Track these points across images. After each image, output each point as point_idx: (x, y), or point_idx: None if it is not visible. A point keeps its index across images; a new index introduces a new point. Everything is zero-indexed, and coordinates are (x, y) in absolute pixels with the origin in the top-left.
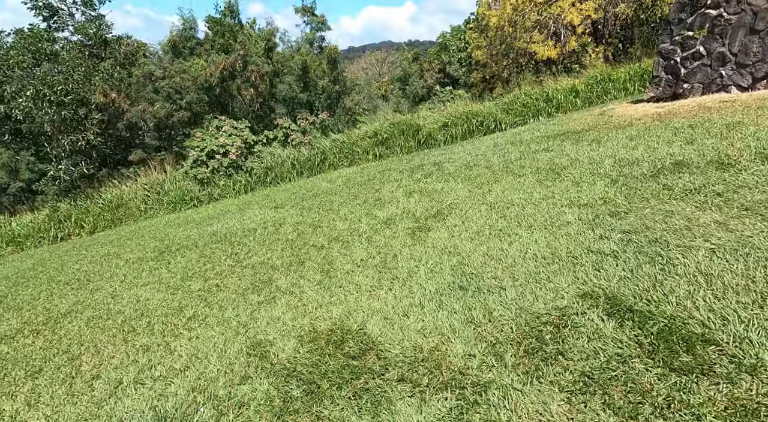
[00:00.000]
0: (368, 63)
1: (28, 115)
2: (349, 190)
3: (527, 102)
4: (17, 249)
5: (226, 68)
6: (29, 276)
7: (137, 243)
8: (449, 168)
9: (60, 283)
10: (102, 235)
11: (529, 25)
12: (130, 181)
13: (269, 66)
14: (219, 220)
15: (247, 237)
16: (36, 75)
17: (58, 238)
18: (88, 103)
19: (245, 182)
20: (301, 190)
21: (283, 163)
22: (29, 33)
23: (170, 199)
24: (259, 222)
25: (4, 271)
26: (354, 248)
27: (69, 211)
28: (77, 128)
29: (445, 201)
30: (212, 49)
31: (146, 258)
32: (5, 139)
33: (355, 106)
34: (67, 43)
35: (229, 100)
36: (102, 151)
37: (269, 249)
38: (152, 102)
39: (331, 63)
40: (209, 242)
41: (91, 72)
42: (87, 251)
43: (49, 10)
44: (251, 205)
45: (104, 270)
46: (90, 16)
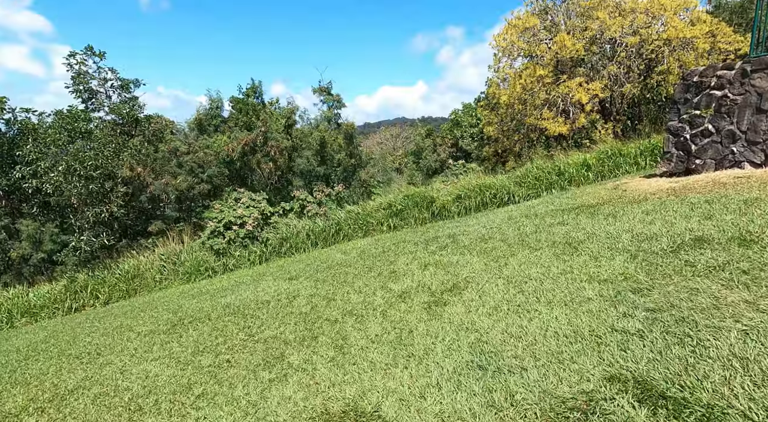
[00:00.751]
0: (383, 138)
1: (57, 189)
2: (363, 261)
3: (540, 175)
4: (31, 320)
5: (247, 144)
6: (40, 350)
7: (150, 315)
8: (464, 240)
9: (70, 357)
10: (116, 306)
11: (538, 103)
12: (148, 251)
13: (288, 141)
14: (233, 292)
15: (260, 310)
16: (69, 151)
17: (72, 309)
18: (114, 177)
19: (260, 253)
20: (316, 262)
21: (298, 234)
22: (67, 114)
23: (186, 270)
24: (273, 295)
25: (17, 343)
26: (368, 323)
27: (86, 281)
28: (102, 200)
29: (461, 274)
30: (235, 126)
31: (158, 331)
32: (33, 211)
33: (370, 178)
34: (101, 122)
35: (249, 173)
36: (124, 223)
37: (282, 322)
38: (175, 175)
39: (347, 138)
40: (222, 314)
41: (121, 148)
42: (100, 323)
43: (89, 93)
44: (265, 277)
45: (115, 344)
46: (125, 98)
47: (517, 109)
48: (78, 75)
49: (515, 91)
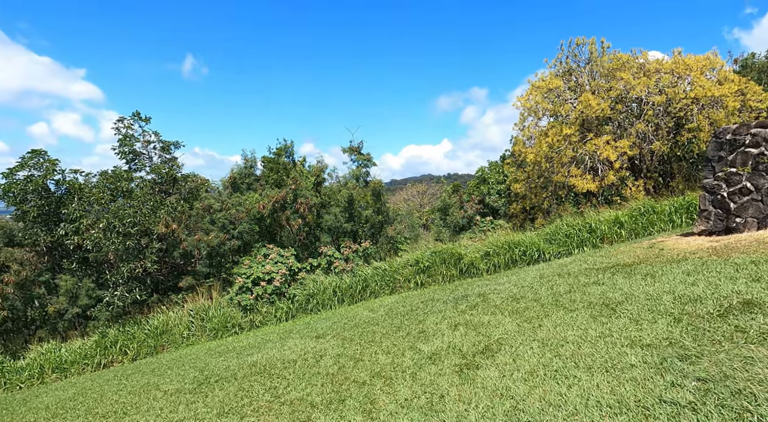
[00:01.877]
0: (410, 194)
1: (96, 245)
2: (391, 320)
3: (570, 232)
4: (61, 376)
5: (278, 201)
6: (68, 407)
7: (177, 373)
8: (495, 299)
9: (97, 416)
10: (144, 363)
11: (565, 160)
12: (177, 306)
13: (317, 198)
14: (259, 350)
15: (286, 370)
16: (110, 209)
17: (101, 365)
18: (150, 234)
19: (287, 309)
20: (343, 319)
21: (325, 291)
22: (112, 174)
23: (213, 326)
24: (300, 354)
25: (46, 401)
26: (397, 386)
27: (116, 337)
28: (137, 256)
29: (493, 335)
30: (267, 184)
31: (184, 390)
32: (73, 267)
33: (397, 234)
34: (142, 181)
35: (278, 230)
36: (156, 278)
37: (309, 383)
38: (208, 232)
39: (375, 195)
40: (248, 374)
41: (158, 206)
42: (128, 381)
43: (133, 154)
44: (292, 334)
45: (142, 403)
46: (165, 158)
47: (544, 167)
48: (124, 138)
49: (542, 149)
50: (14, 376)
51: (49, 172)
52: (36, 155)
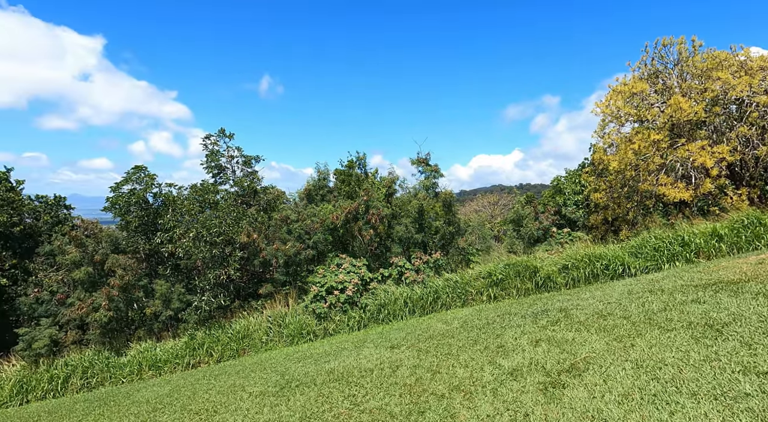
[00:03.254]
0: (480, 205)
1: (187, 253)
2: (467, 333)
3: (659, 246)
4: (156, 373)
5: (350, 212)
6: (166, 403)
7: (260, 376)
8: (579, 316)
9: (191, 412)
10: (228, 365)
11: (653, 168)
12: (257, 312)
13: (388, 209)
14: (336, 357)
15: (363, 378)
16: (199, 220)
17: (190, 365)
18: (233, 243)
19: (359, 318)
20: (416, 331)
21: (396, 301)
22: (200, 187)
23: (289, 332)
24: (376, 363)
25: (146, 395)
26: (478, 401)
27: (203, 339)
28: (222, 264)
29: (579, 353)
30: (339, 196)
31: (268, 393)
32: (167, 273)
33: (469, 246)
34: (226, 194)
35: (350, 240)
36: (238, 285)
37: (387, 393)
38: (285, 241)
39: (446, 206)
40: (327, 380)
41: (240, 216)
42: (216, 381)
43: (219, 168)
44: (366, 343)
45: (230, 402)
46: (247, 172)
47: (629, 175)
48: (211, 153)
49: (626, 157)
50: (118, 371)
51: (148, 186)
52: (138, 170)
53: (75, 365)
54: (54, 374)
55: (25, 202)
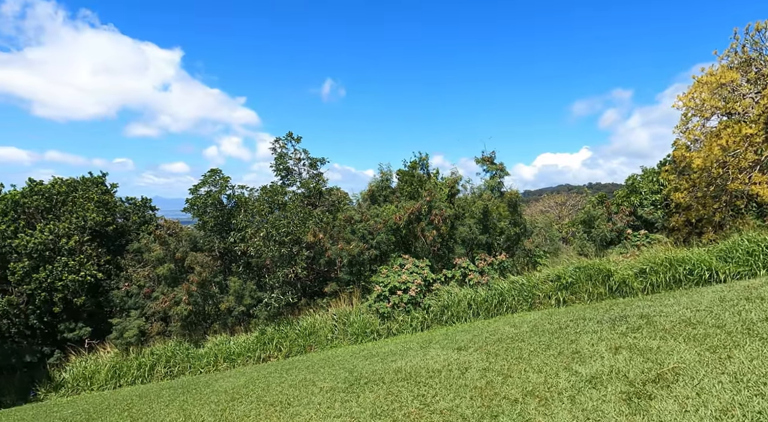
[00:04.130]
0: (547, 205)
1: (257, 252)
2: (538, 337)
3: (753, 249)
4: (230, 365)
5: (413, 212)
6: (242, 394)
7: (329, 372)
8: (663, 323)
9: (266, 404)
10: (296, 360)
11: (745, 165)
12: (322, 310)
13: (451, 210)
14: (402, 357)
15: (432, 379)
16: (268, 220)
17: (261, 359)
18: (300, 242)
19: (422, 319)
20: (483, 333)
21: (459, 303)
22: (270, 189)
23: (354, 331)
24: (443, 364)
25: (224, 386)
26: (554, 408)
27: (272, 334)
28: (290, 263)
29: (666, 363)
30: (402, 196)
31: (338, 389)
32: (239, 270)
33: (536, 248)
34: (293, 195)
35: (413, 240)
36: (304, 283)
37: (457, 395)
38: (349, 241)
39: (511, 206)
40: (395, 379)
41: (307, 217)
42: (287, 375)
43: (286, 170)
44: (432, 344)
45: (302, 396)
46: (312, 174)
47: (716, 173)
48: (279, 156)
49: (712, 153)
50: (196, 362)
51: (222, 188)
52: (213, 174)
53: (159, 354)
54: (142, 362)
55: (117, 204)
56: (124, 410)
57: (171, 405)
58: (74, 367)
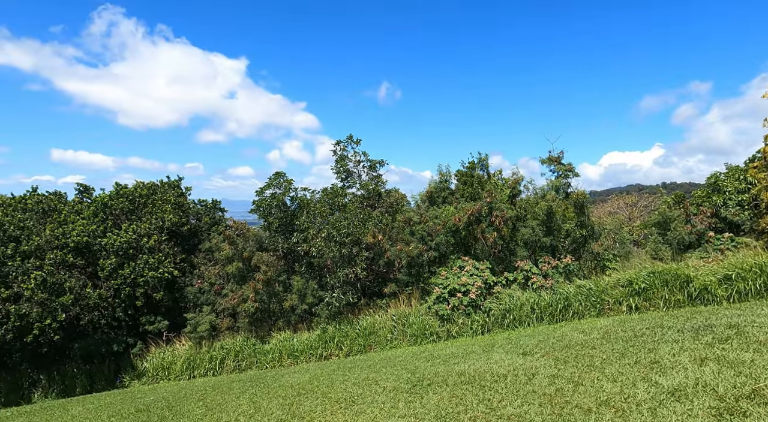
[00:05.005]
0: (616, 206)
1: (319, 252)
2: (611, 345)
3: None
4: (294, 361)
5: (473, 214)
6: (308, 389)
7: (391, 372)
8: (756, 334)
9: (331, 400)
10: (357, 359)
11: None
12: (381, 311)
13: (513, 211)
14: (464, 360)
15: (497, 383)
16: (329, 221)
17: (322, 357)
18: (360, 243)
19: (482, 322)
20: (549, 338)
21: (521, 307)
22: (330, 190)
23: (413, 332)
24: (508, 369)
25: (290, 381)
26: (633, 420)
27: (333, 333)
28: (350, 263)
29: (762, 378)
30: (461, 198)
31: (401, 389)
32: (302, 270)
33: (604, 251)
34: (353, 197)
35: (473, 242)
36: (364, 283)
37: (524, 401)
38: (408, 243)
39: (578, 208)
40: (458, 382)
41: (366, 218)
42: (350, 373)
43: (347, 173)
44: (495, 348)
45: (366, 394)
46: (372, 176)
47: None
48: (340, 158)
49: None
50: (262, 357)
51: (286, 190)
52: (278, 177)
53: (229, 348)
54: (213, 355)
55: (190, 206)
56: (199, 399)
57: (242, 397)
58: (154, 358)
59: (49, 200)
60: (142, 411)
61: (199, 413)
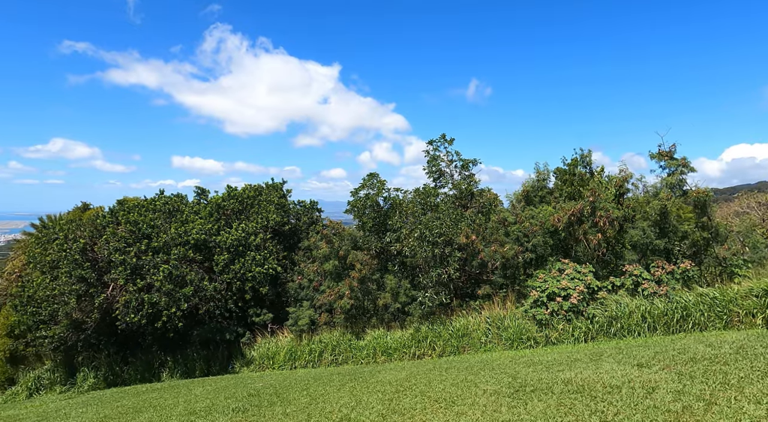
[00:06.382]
0: (746, 206)
1: (412, 252)
2: (749, 362)
3: None
4: (388, 359)
5: (573, 214)
6: (406, 387)
7: (490, 375)
8: None
9: (430, 399)
10: (451, 360)
11: None
12: (474, 312)
13: (619, 211)
14: (569, 368)
15: (610, 395)
16: (422, 221)
17: (415, 356)
18: (452, 244)
19: (585, 329)
20: (668, 350)
21: (631, 314)
22: (422, 191)
23: (508, 336)
24: (622, 380)
25: (387, 377)
26: None
27: (426, 333)
28: (442, 263)
29: None
30: (560, 197)
31: (502, 393)
32: (395, 269)
33: (732, 256)
34: (445, 196)
35: (573, 244)
36: (457, 284)
37: (645, 416)
38: (502, 244)
39: (698, 207)
40: (565, 390)
41: (459, 218)
42: (446, 373)
43: (439, 173)
44: (603, 357)
45: (466, 396)
46: (464, 175)
47: None
48: (432, 158)
49: None
50: (357, 352)
51: (379, 191)
52: (371, 178)
53: (326, 343)
54: (312, 348)
55: (291, 207)
56: (303, 389)
57: (342, 390)
58: (260, 347)
59: (173, 201)
60: (253, 396)
61: (304, 402)
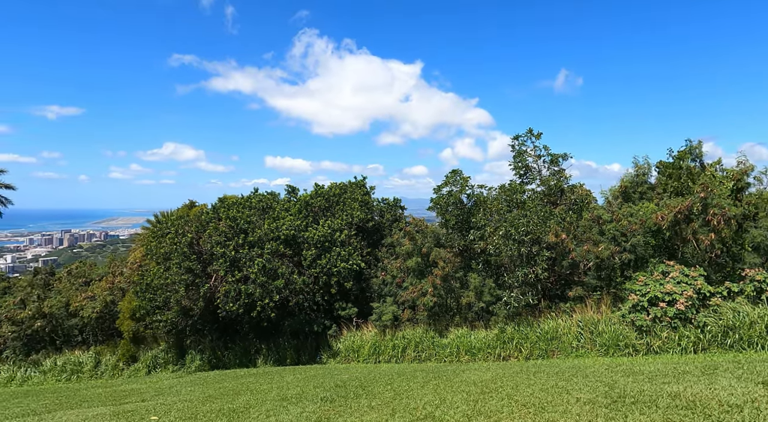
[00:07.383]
0: None
1: (496, 250)
2: None
3: None
4: (471, 358)
5: (680, 211)
6: (491, 388)
7: (583, 383)
8: None
9: (518, 403)
10: (539, 364)
11: None
12: (564, 315)
13: (737, 208)
14: (677, 381)
15: (729, 415)
16: (507, 218)
17: (500, 357)
18: (540, 242)
19: (695, 339)
20: None
21: (752, 325)
22: (508, 187)
23: (603, 341)
24: (744, 399)
25: (471, 377)
26: None
27: (512, 334)
28: (529, 263)
29: None
30: (663, 193)
31: (598, 403)
32: (479, 267)
33: None
34: (532, 193)
35: (679, 245)
36: (545, 285)
37: None
38: (596, 243)
39: None
40: (672, 405)
41: (548, 216)
42: (535, 378)
43: (525, 168)
44: (718, 372)
45: (557, 403)
46: (553, 171)
47: None
48: (518, 154)
49: None
50: (440, 350)
51: (462, 188)
52: (454, 175)
53: (409, 339)
54: (395, 343)
55: (374, 204)
56: (387, 383)
57: (426, 387)
58: (346, 340)
59: (266, 199)
60: (340, 387)
61: (388, 396)
